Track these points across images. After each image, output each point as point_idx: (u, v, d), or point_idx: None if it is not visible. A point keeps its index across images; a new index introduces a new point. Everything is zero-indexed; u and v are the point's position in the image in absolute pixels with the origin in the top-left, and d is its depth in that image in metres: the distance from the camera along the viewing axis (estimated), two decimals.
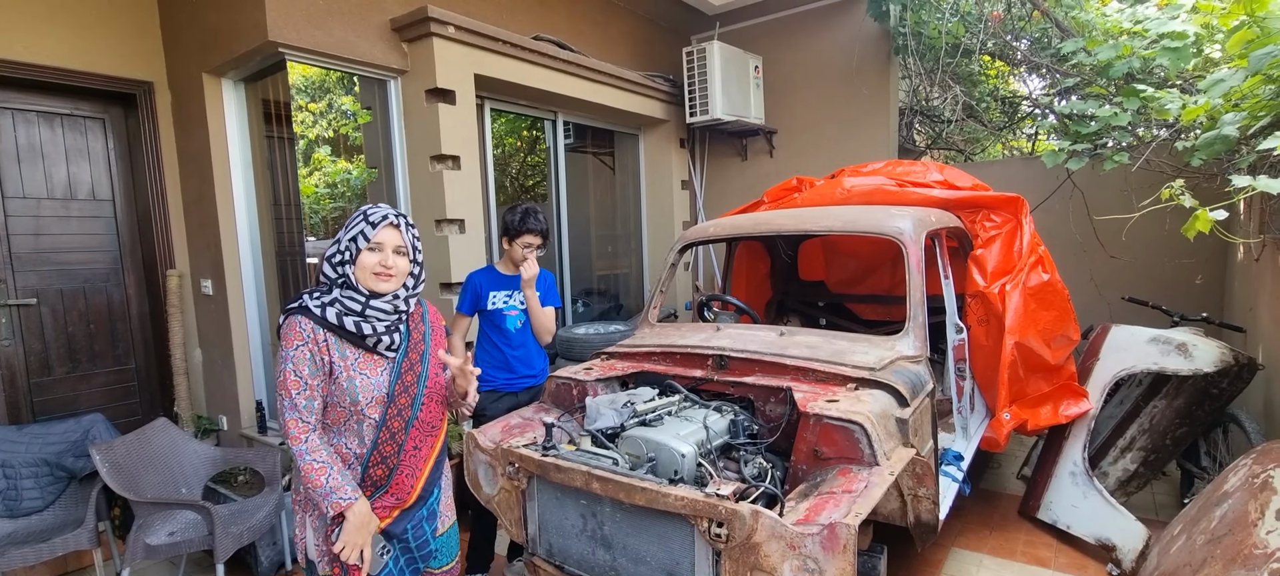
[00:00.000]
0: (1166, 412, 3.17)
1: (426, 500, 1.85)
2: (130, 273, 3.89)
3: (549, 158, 4.99)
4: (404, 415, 1.77)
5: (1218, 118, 2.40)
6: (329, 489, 1.64)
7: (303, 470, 1.65)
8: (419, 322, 1.87)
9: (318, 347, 1.66)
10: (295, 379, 1.64)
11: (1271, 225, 2.91)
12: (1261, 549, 1.94)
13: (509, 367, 2.91)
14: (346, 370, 1.70)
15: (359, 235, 1.70)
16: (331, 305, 1.68)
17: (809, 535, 1.59)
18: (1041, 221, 3.86)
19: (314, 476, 1.64)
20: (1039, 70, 4.82)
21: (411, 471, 1.79)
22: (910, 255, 2.64)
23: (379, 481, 1.75)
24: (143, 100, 3.76)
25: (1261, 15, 2.11)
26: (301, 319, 1.67)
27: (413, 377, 1.79)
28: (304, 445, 1.65)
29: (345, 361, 1.70)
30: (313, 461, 1.64)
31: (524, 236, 2.79)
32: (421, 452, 1.81)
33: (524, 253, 2.78)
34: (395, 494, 1.77)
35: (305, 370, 1.65)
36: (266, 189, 3.82)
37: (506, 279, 2.91)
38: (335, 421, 1.74)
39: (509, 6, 4.27)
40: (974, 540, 3.21)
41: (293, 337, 1.65)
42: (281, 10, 3.09)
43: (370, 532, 1.71)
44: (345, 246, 1.71)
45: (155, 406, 3.97)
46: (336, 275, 1.72)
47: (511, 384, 2.92)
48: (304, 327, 1.66)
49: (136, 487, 2.78)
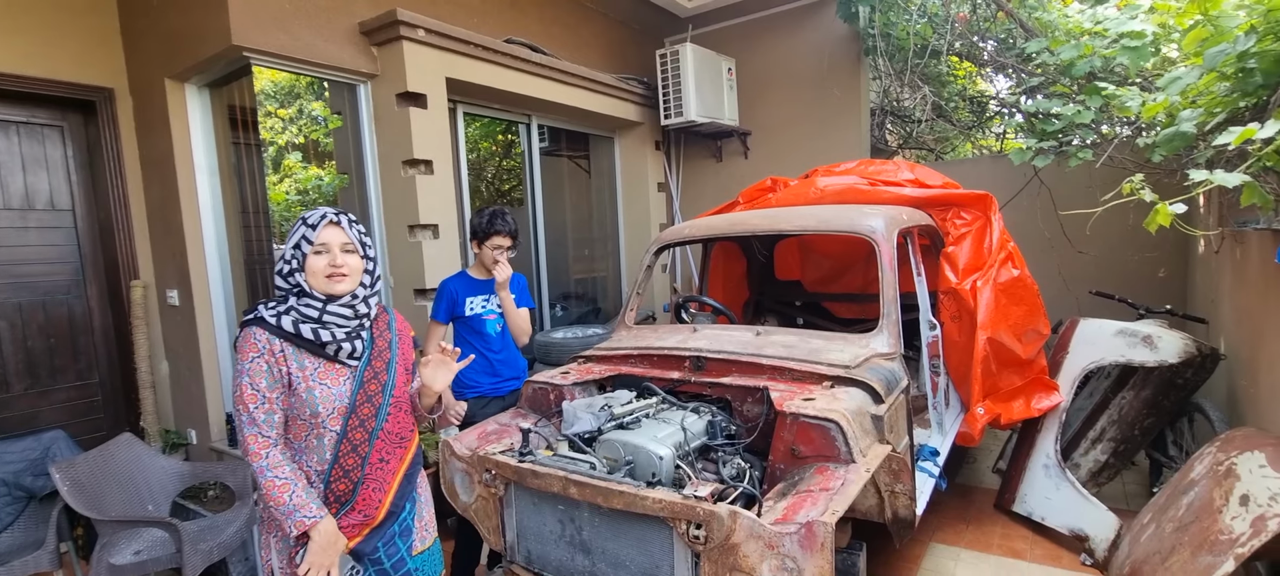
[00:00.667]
0: (1134, 403, 3.24)
1: (398, 516, 1.77)
2: (92, 284, 3.78)
3: (524, 161, 4.96)
4: (367, 426, 1.69)
5: (1176, 114, 2.46)
6: (292, 507, 1.57)
7: (263, 488, 1.58)
8: (385, 330, 1.81)
9: (274, 359, 1.60)
10: (252, 392, 1.58)
11: (1230, 218, 2.99)
12: (1227, 534, 1.99)
13: (494, 372, 2.89)
14: (305, 381, 1.63)
15: (301, 240, 1.65)
16: (287, 313, 1.63)
17: (787, 534, 1.59)
18: (1010, 218, 3.93)
19: (275, 494, 1.57)
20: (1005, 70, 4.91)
21: (378, 486, 1.72)
22: (882, 253, 2.66)
23: (343, 496, 1.68)
24: (103, 106, 3.66)
25: (1215, 14, 2.17)
26: (256, 330, 1.61)
27: (377, 387, 1.73)
28: (264, 461, 1.58)
29: (304, 372, 1.64)
30: (274, 478, 1.57)
31: (493, 238, 2.77)
32: (389, 465, 1.74)
33: (495, 255, 2.76)
34: (362, 510, 1.70)
35: (262, 382, 1.59)
36: (234, 196, 3.74)
37: (481, 283, 2.89)
38: (297, 436, 1.67)
39: (480, 10, 4.24)
40: (951, 534, 3.25)
41: (248, 350, 1.59)
42: (245, 13, 3.03)
43: (337, 553, 1.63)
44: (290, 255, 1.65)
45: (120, 421, 3.86)
46: (289, 286, 1.67)
47: (498, 388, 2.90)
48: (259, 338, 1.60)
49: (100, 506, 2.69)
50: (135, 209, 3.79)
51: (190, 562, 2.57)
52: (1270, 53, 1.97)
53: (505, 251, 2.79)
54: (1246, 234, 2.71)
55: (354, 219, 1.74)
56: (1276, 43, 1.96)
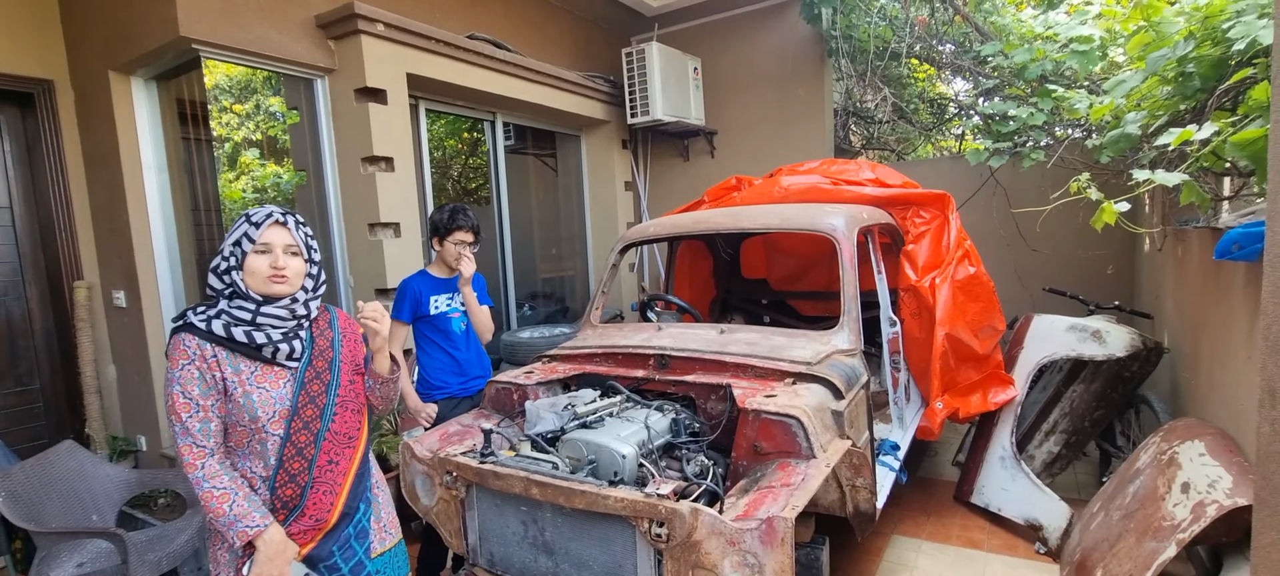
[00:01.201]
0: (1085, 396, 3.35)
1: (352, 518, 1.71)
2: (32, 285, 3.61)
3: (489, 160, 4.90)
4: (312, 428, 1.63)
5: (1122, 116, 2.55)
6: (233, 517, 1.51)
7: (202, 499, 1.51)
8: (326, 329, 1.74)
9: (206, 364, 1.54)
10: (185, 401, 1.51)
11: (1172, 217, 3.12)
12: (1169, 521, 2.07)
13: (461, 371, 2.84)
14: (242, 385, 1.57)
15: (242, 238, 1.58)
16: (217, 317, 1.56)
17: (747, 530, 1.60)
18: (968, 217, 4.03)
19: (215, 505, 1.50)
20: (963, 73, 5.03)
21: (329, 488, 1.66)
22: (843, 251, 2.70)
23: (290, 502, 1.62)
24: (42, 99, 3.49)
25: (1156, 20, 2.25)
26: (185, 336, 1.54)
27: (320, 387, 1.67)
28: (201, 472, 1.51)
29: (240, 376, 1.57)
30: (211, 489, 1.51)
31: (455, 233, 2.72)
32: (339, 466, 1.68)
33: (458, 250, 2.71)
34: (312, 515, 1.64)
35: (195, 390, 1.52)
36: (184, 193, 3.61)
37: (443, 282, 2.84)
38: (238, 442, 1.60)
39: (442, 5, 4.17)
40: (912, 527, 3.31)
41: (178, 357, 1.52)
42: (193, 4, 2.92)
43: (287, 561, 1.57)
44: (229, 252, 1.58)
45: (63, 428, 3.69)
46: (223, 285, 1.59)
47: (466, 387, 2.85)
48: (189, 345, 1.53)
49: (39, 517, 2.57)
50: (78, 207, 3.63)
51: (138, 573, 2.47)
52: (1207, 58, 2.06)
53: (468, 247, 2.75)
54: (1187, 232, 2.83)
55: (301, 220, 1.68)
56: (1213, 48, 2.05)
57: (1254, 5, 1.92)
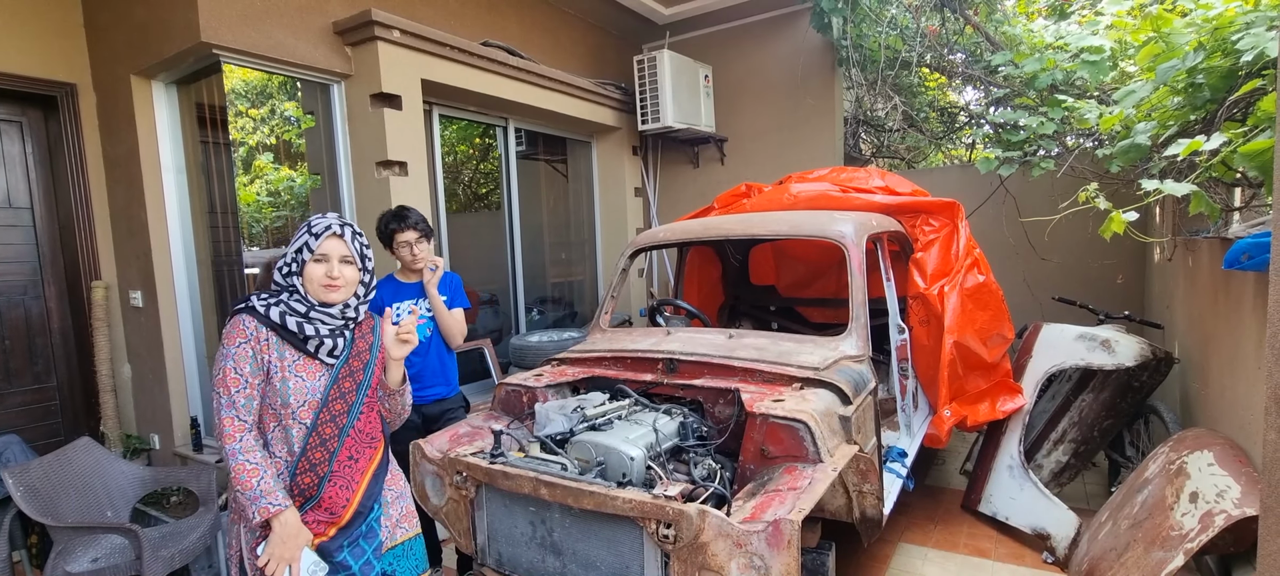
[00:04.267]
0: (1094, 406, 3.33)
1: (365, 517, 1.77)
2: (51, 285, 3.67)
3: (501, 165, 4.95)
4: (339, 422, 1.72)
5: (1132, 126, 2.55)
6: (258, 492, 1.58)
7: (233, 470, 1.59)
8: (367, 333, 1.84)
9: (259, 346, 1.65)
10: (236, 376, 1.62)
11: (1183, 227, 3.11)
12: (1177, 530, 2.06)
13: (419, 379, 2.77)
14: (282, 371, 1.67)
15: (303, 247, 1.71)
16: (276, 305, 1.69)
17: (754, 532, 1.61)
18: (978, 226, 4.03)
19: (244, 478, 1.58)
20: (974, 82, 5.04)
21: (346, 483, 1.72)
22: (852, 258, 2.71)
23: (308, 490, 1.69)
24: (64, 102, 3.57)
25: (1167, 31, 2.26)
26: (245, 316, 1.66)
27: (351, 386, 1.76)
28: (238, 444, 1.60)
29: (282, 362, 1.67)
30: (245, 462, 1.59)
31: (398, 236, 2.68)
32: (358, 464, 1.75)
33: (411, 253, 2.69)
34: (328, 508, 1.70)
35: (246, 367, 1.63)
36: (201, 196, 3.67)
37: (408, 288, 2.81)
38: (264, 427, 1.69)
39: (457, 12, 4.23)
40: (919, 534, 3.31)
41: (235, 335, 1.64)
42: (215, 10, 2.98)
43: (299, 546, 1.63)
44: (291, 259, 1.72)
45: (79, 426, 3.75)
46: (284, 284, 1.73)
47: (421, 396, 2.78)
48: (247, 325, 1.65)
49: (56, 512, 2.61)
50: (98, 208, 3.70)
51: (150, 569, 2.50)
52: (1217, 69, 2.06)
53: (415, 246, 2.69)
54: (1197, 242, 2.82)
55: (358, 232, 1.79)
56: (1223, 59, 2.05)
57: (1263, 18, 1.93)
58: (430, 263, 2.75)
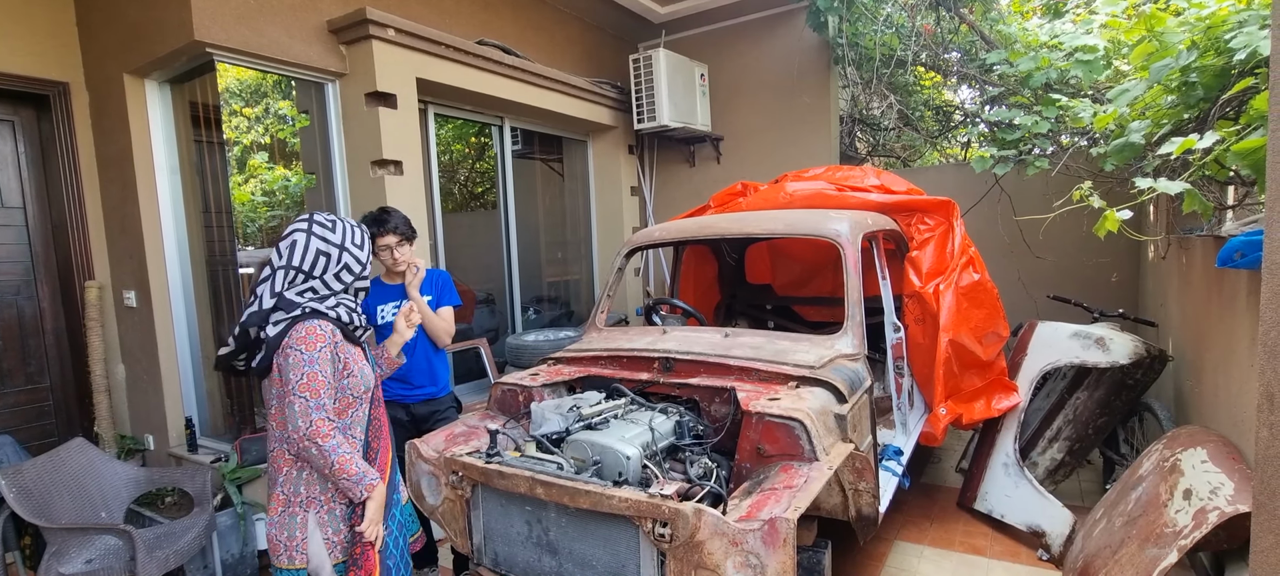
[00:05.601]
0: (1088, 403, 3.35)
1: (393, 473, 1.96)
2: (44, 284, 3.65)
3: (496, 164, 4.94)
4: (378, 394, 1.97)
5: (1126, 125, 2.56)
6: (361, 473, 1.77)
7: (336, 463, 1.73)
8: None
9: (335, 348, 1.80)
10: (324, 380, 1.75)
11: (1176, 225, 3.12)
12: (1171, 527, 2.07)
13: (406, 380, 2.80)
14: (357, 361, 1.87)
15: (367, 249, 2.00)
16: (338, 306, 1.87)
17: (750, 531, 1.61)
18: (973, 224, 4.04)
19: (349, 467, 1.74)
20: (969, 80, 5.05)
21: (385, 447, 1.94)
22: (847, 256, 2.72)
23: (371, 459, 1.90)
24: (57, 102, 3.55)
25: (1160, 31, 2.27)
26: (321, 322, 1.79)
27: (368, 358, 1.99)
28: (335, 441, 1.74)
29: (351, 356, 1.86)
30: (344, 454, 1.75)
31: (377, 239, 2.66)
32: (385, 427, 1.98)
33: (392, 256, 2.69)
34: (379, 468, 1.90)
35: (329, 371, 1.77)
36: (195, 196, 3.65)
37: (392, 289, 2.81)
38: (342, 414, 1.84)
39: (453, 11, 4.21)
40: (915, 532, 3.32)
41: (315, 341, 1.76)
42: (208, 8, 2.97)
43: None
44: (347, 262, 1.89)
45: (73, 426, 3.73)
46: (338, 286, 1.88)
47: (408, 395, 2.81)
48: (325, 330, 1.78)
49: (49, 513, 2.60)
50: (91, 207, 3.68)
51: (144, 570, 2.49)
52: (1210, 68, 2.07)
53: (396, 250, 2.69)
54: (1191, 240, 2.84)
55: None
56: (1216, 58, 2.06)
57: (1256, 16, 1.94)
58: (412, 265, 2.74)
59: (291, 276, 1.82)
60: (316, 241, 1.84)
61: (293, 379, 1.71)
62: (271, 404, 1.84)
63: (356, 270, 1.90)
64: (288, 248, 1.83)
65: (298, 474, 1.81)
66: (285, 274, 1.82)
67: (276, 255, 1.84)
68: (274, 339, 1.77)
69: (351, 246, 1.89)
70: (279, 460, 1.84)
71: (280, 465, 1.83)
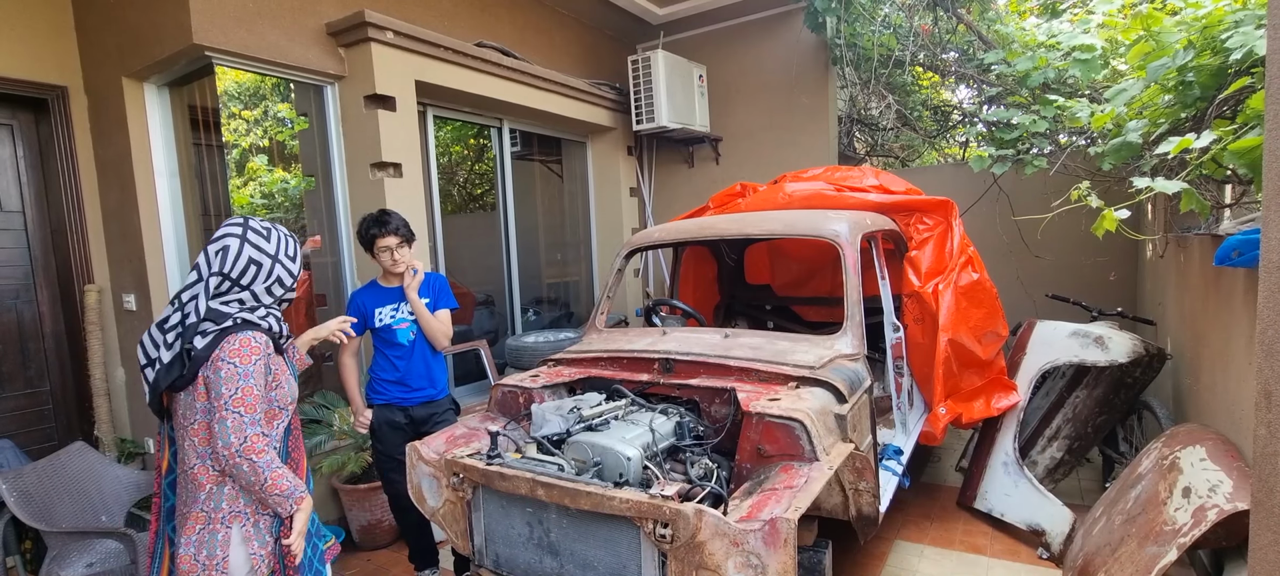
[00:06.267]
0: (1088, 402, 3.36)
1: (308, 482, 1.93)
2: (43, 288, 3.65)
3: (495, 166, 4.94)
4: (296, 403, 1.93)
5: (1123, 124, 2.57)
6: (292, 486, 1.70)
7: (269, 481, 1.65)
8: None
9: (268, 360, 1.73)
10: (257, 394, 1.66)
11: (1174, 224, 3.13)
12: (1170, 525, 2.08)
13: (404, 383, 2.81)
14: (284, 373, 1.81)
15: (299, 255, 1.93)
16: (267, 316, 1.80)
17: (751, 531, 1.62)
18: (972, 224, 4.05)
19: (281, 482, 1.68)
20: (967, 80, 5.06)
21: (301, 455, 1.92)
22: (846, 256, 2.72)
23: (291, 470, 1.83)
24: (55, 105, 3.54)
25: (1156, 30, 2.28)
26: (255, 333, 1.70)
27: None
28: (269, 457, 1.67)
29: (279, 368, 1.80)
30: (277, 469, 1.68)
31: (376, 242, 2.69)
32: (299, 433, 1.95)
33: (392, 258, 2.71)
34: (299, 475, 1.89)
35: (261, 384, 1.69)
36: (195, 198, 3.65)
37: (390, 292, 2.82)
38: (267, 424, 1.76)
39: (451, 13, 4.22)
40: (915, 532, 3.32)
41: (250, 354, 1.66)
42: (207, 11, 2.97)
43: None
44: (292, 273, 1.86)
45: (72, 430, 3.72)
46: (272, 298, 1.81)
47: (407, 398, 2.83)
48: (259, 342, 1.70)
49: (50, 517, 2.60)
50: (90, 211, 3.68)
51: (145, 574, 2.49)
52: (1206, 67, 2.08)
53: (396, 252, 2.71)
54: (1189, 239, 2.85)
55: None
56: (1212, 58, 2.07)
57: (1252, 16, 1.95)
58: (411, 267, 2.74)
59: (220, 283, 1.71)
60: (249, 248, 1.74)
61: (225, 393, 1.61)
62: (191, 418, 1.69)
63: (288, 283, 1.82)
64: (218, 253, 1.72)
65: (219, 490, 1.69)
66: (217, 281, 1.71)
67: (205, 262, 1.73)
68: (202, 351, 1.64)
69: (284, 258, 1.80)
70: (200, 476, 1.69)
71: (202, 482, 1.69)
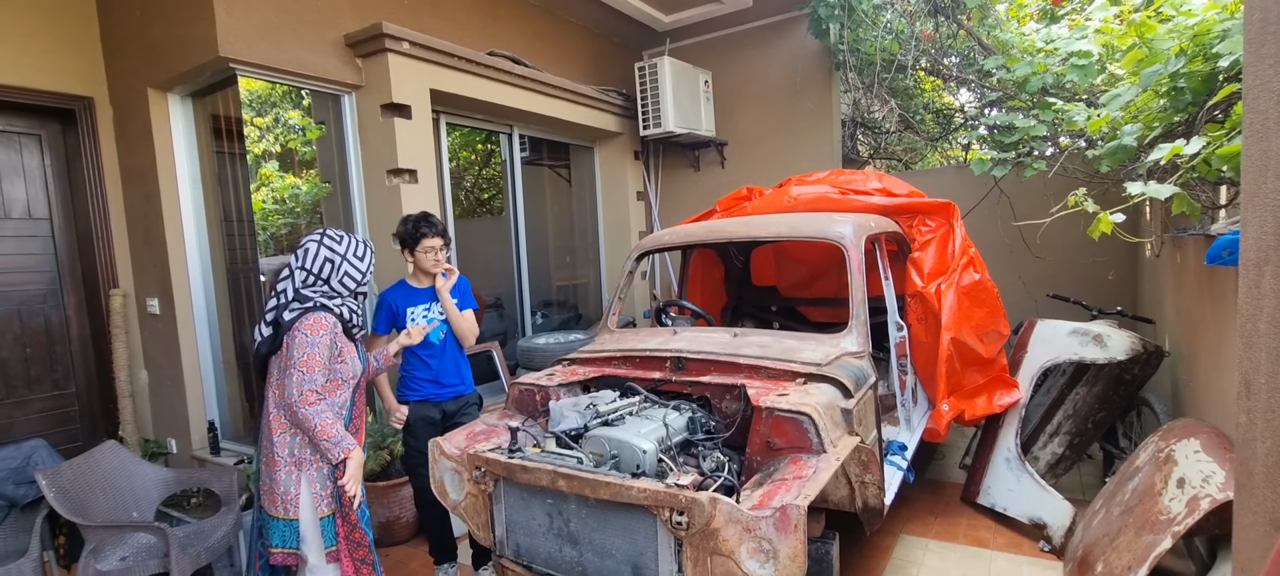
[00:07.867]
0: (1088, 399, 3.43)
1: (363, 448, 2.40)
2: (70, 293, 3.76)
3: (505, 171, 5.04)
4: (362, 382, 2.42)
5: (1119, 128, 2.65)
6: (339, 436, 2.16)
7: (318, 426, 2.12)
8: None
9: (335, 337, 2.23)
10: (319, 361, 2.17)
11: (1170, 225, 3.21)
12: (1166, 515, 2.16)
13: (437, 380, 2.91)
14: (350, 353, 2.33)
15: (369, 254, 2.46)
16: (342, 306, 2.33)
17: (763, 518, 1.71)
18: (973, 225, 4.13)
19: (329, 429, 2.14)
20: (968, 84, 5.15)
21: (361, 431, 2.41)
22: (851, 258, 2.81)
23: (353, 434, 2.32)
24: (82, 116, 3.66)
25: (1150, 37, 2.36)
26: (326, 314, 2.22)
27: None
28: (319, 407, 2.14)
29: (346, 347, 2.30)
30: (327, 418, 2.15)
31: (423, 242, 2.79)
32: (363, 416, 2.46)
33: (435, 258, 2.82)
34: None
35: (327, 355, 2.20)
36: (216, 205, 3.76)
37: (421, 292, 2.91)
38: (331, 393, 2.26)
39: (463, 23, 4.32)
40: (920, 526, 3.40)
41: (319, 328, 2.18)
42: (233, 25, 3.08)
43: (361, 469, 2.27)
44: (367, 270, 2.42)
45: (98, 431, 3.83)
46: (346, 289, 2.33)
47: (441, 393, 2.94)
48: (329, 321, 2.22)
49: (85, 512, 2.70)
50: (115, 217, 3.79)
51: (179, 567, 2.59)
52: (1197, 73, 2.16)
53: (439, 253, 2.82)
54: (1184, 239, 2.93)
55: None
56: (1203, 64, 2.16)
57: (1239, 25, 2.03)
58: (446, 268, 2.85)
59: (305, 277, 2.27)
60: (325, 250, 2.29)
61: (295, 355, 2.14)
62: (273, 376, 2.26)
63: (357, 277, 2.33)
64: (303, 253, 2.29)
65: (291, 437, 2.21)
66: (302, 275, 2.27)
67: (294, 259, 2.30)
68: (288, 323, 2.20)
69: (352, 258, 2.32)
70: (275, 423, 2.22)
71: (275, 428, 2.21)
